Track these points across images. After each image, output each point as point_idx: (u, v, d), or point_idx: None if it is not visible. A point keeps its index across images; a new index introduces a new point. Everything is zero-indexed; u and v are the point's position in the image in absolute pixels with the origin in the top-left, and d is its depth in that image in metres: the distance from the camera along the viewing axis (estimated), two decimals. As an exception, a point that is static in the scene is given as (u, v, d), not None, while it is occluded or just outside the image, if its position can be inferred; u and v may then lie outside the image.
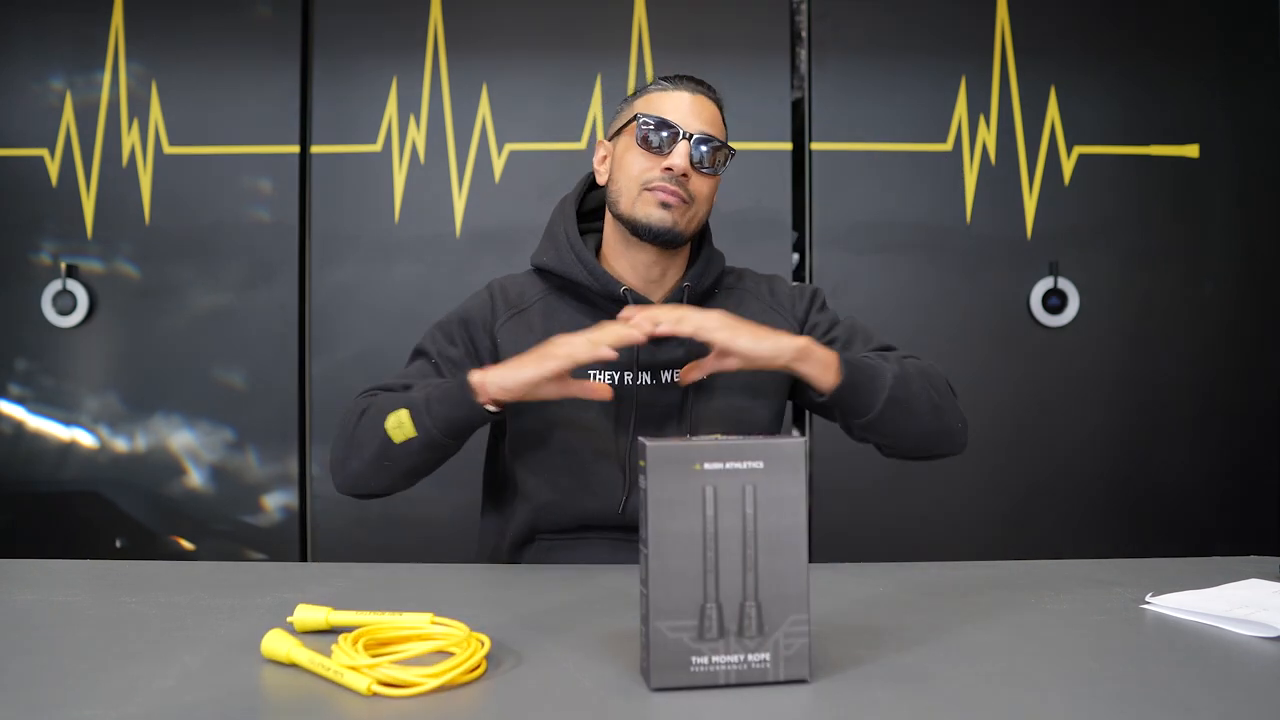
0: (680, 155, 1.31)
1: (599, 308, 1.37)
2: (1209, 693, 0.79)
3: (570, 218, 1.41)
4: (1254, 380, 2.50)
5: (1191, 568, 1.18)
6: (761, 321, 1.35)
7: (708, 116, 1.36)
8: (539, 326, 1.36)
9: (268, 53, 2.45)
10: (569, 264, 1.37)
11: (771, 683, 0.80)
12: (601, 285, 1.35)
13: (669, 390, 1.34)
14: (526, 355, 1.21)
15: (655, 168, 1.32)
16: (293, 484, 2.44)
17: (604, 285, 1.35)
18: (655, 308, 1.22)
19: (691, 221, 1.35)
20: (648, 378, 1.34)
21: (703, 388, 1.35)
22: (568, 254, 1.38)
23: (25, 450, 2.44)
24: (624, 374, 1.34)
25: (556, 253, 1.39)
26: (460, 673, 0.80)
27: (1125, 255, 2.49)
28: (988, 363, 2.48)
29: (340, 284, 2.46)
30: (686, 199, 1.33)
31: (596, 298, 1.37)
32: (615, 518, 1.33)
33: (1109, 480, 2.49)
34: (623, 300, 1.34)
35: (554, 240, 1.41)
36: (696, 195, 1.34)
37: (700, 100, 1.36)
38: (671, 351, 1.34)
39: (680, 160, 1.31)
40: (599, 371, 1.33)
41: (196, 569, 1.21)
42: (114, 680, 0.81)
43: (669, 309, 1.22)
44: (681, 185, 1.32)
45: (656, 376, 1.34)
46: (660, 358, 1.34)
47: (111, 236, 2.44)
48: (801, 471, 0.81)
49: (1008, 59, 2.48)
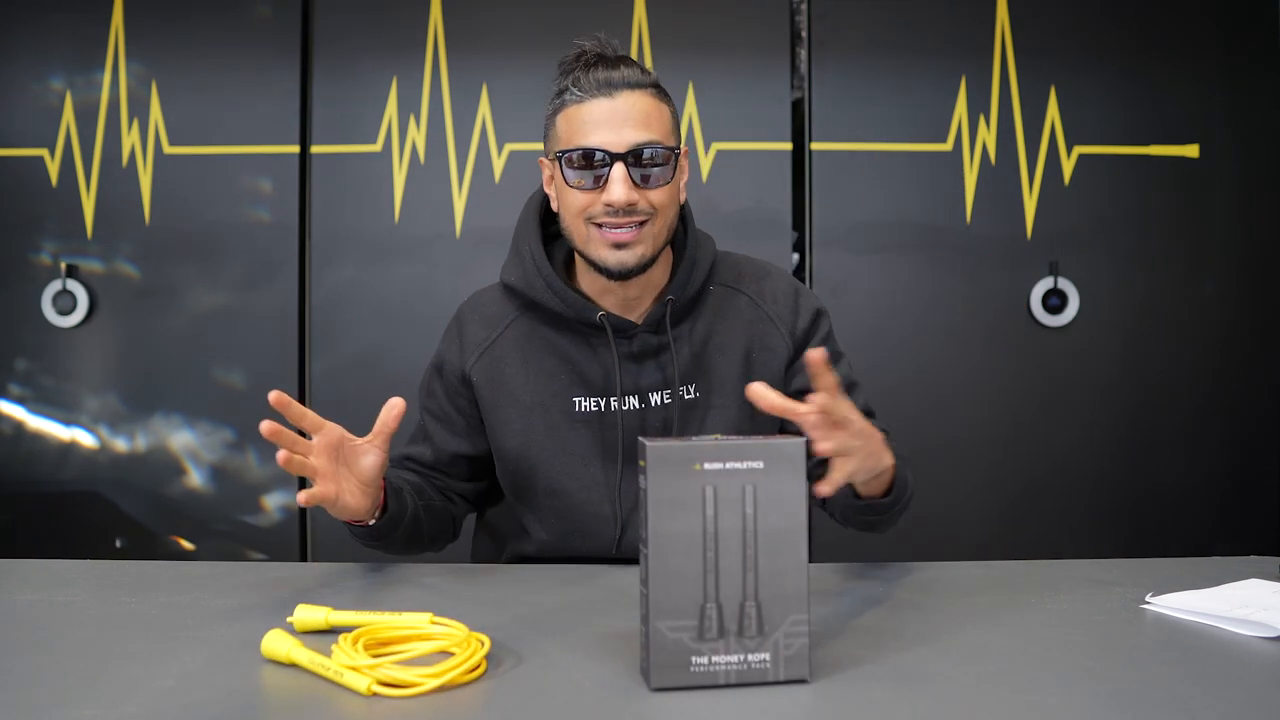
0: (617, 185, 1.16)
1: (575, 331, 1.28)
2: (1209, 693, 0.79)
3: (534, 234, 1.29)
4: (1254, 380, 2.50)
5: (1191, 568, 1.18)
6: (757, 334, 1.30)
7: (637, 117, 1.18)
8: (513, 358, 1.29)
9: (268, 53, 2.45)
10: (537, 289, 1.27)
11: (771, 683, 0.80)
12: (575, 312, 1.25)
13: (655, 412, 1.27)
14: None
15: (595, 201, 1.18)
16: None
17: (578, 312, 1.25)
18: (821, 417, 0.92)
19: (656, 241, 1.22)
20: (635, 402, 1.27)
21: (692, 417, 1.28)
22: (535, 278, 1.27)
23: (25, 450, 2.44)
24: (609, 399, 1.27)
25: (523, 274, 1.28)
26: (460, 673, 0.80)
27: (1125, 255, 2.49)
28: (987, 362, 2.48)
29: (340, 284, 2.46)
30: (643, 221, 1.19)
31: (571, 322, 1.27)
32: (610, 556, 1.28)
33: (1109, 480, 2.49)
34: (600, 326, 1.25)
35: (519, 257, 1.30)
36: (655, 208, 1.20)
37: (623, 99, 1.18)
38: (652, 375, 1.27)
39: (619, 192, 1.16)
40: (584, 399, 1.27)
41: (196, 569, 1.21)
42: (114, 680, 0.81)
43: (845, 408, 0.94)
44: (631, 212, 1.18)
45: (645, 399, 1.27)
46: (643, 382, 1.27)
47: (111, 236, 2.44)
48: (801, 471, 0.81)
49: (1008, 59, 2.48)
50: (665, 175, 1.20)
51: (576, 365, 1.28)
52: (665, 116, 1.22)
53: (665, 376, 1.27)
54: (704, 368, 1.29)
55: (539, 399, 1.28)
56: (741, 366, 1.29)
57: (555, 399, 1.28)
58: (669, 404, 1.27)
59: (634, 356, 1.27)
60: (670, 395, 1.27)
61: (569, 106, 1.20)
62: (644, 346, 1.27)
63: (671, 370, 1.26)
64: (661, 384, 1.27)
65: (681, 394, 1.27)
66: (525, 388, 1.28)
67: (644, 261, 1.21)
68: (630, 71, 1.20)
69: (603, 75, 1.19)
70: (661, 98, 1.22)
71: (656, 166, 1.19)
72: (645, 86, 1.20)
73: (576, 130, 1.19)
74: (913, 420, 2.45)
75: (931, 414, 2.47)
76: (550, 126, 1.25)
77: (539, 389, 1.28)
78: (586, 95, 1.19)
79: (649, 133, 1.18)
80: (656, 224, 1.21)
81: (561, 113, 1.22)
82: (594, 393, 1.27)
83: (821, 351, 0.89)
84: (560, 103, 1.22)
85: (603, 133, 1.17)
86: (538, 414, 1.28)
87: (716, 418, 1.28)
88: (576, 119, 1.19)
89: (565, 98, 1.21)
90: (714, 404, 1.28)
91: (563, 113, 1.21)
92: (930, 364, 2.47)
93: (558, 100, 1.23)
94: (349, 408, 2.45)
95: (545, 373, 1.28)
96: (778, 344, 1.31)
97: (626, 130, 1.17)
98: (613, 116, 1.17)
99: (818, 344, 1.31)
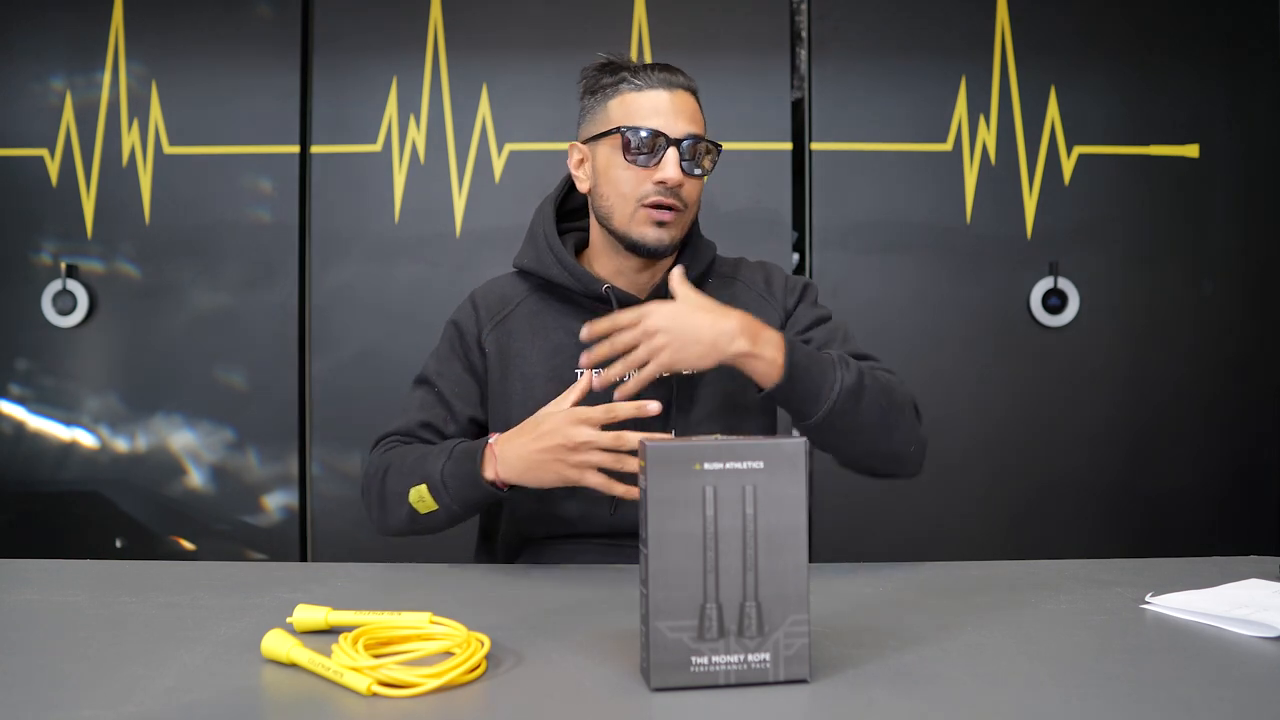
0: (672, 165, 1.27)
1: (583, 306, 1.35)
2: (1209, 693, 0.79)
3: (549, 219, 1.39)
4: (1254, 380, 2.50)
5: (1191, 568, 1.18)
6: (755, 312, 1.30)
7: (689, 113, 1.31)
8: (524, 330, 1.36)
9: (268, 53, 2.45)
10: (548, 265, 1.36)
11: (771, 683, 0.80)
12: (583, 285, 1.34)
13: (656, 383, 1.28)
14: (544, 450, 1.17)
15: (647, 181, 1.28)
16: (293, 484, 2.44)
17: (585, 285, 1.34)
18: (606, 320, 1.18)
19: (684, 229, 1.33)
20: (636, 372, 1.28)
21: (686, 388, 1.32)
22: (547, 255, 1.36)
23: (25, 450, 2.44)
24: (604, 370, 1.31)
25: (536, 254, 1.38)
26: (460, 673, 0.80)
27: (1125, 255, 2.49)
28: (987, 362, 2.48)
29: (340, 284, 2.46)
30: (682, 208, 1.30)
31: (579, 297, 1.35)
32: (605, 523, 1.30)
33: (1108, 479, 2.49)
34: (606, 299, 1.32)
35: (534, 242, 1.39)
36: (688, 200, 1.31)
37: (679, 96, 1.31)
38: None
39: (673, 171, 1.27)
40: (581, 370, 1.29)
41: (196, 569, 1.21)
42: (114, 680, 0.81)
43: (625, 317, 1.18)
44: (676, 195, 1.29)
45: None
46: None
47: (111, 236, 2.44)
48: (801, 471, 0.81)
49: (1008, 59, 2.48)
50: (705, 169, 1.32)
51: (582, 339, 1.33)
52: (703, 122, 1.35)
53: None
54: None
55: (545, 370, 1.34)
56: None
57: (560, 370, 1.33)
58: (667, 377, 1.30)
59: None
60: None
61: (626, 93, 1.31)
62: None
63: None
64: None
65: None
66: (533, 360, 1.35)
67: (675, 244, 1.32)
68: (681, 76, 1.33)
69: (661, 74, 1.31)
70: (700, 103, 1.35)
71: (704, 157, 1.31)
72: (693, 91, 1.34)
73: (635, 113, 1.30)
74: (913, 420, 2.46)
75: (931, 414, 2.45)
76: (597, 110, 1.34)
77: (546, 361, 1.34)
78: (645, 85, 1.30)
79: (698, 129, 1.31)
80: (686, 215, 1.33)
81: (617, 97, 1.31)
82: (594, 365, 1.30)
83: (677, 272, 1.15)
84: (614, 90, 1.32)
85: (663, 118, 1.29)
86: (543, 384, 1.33)
87: (711, 392, 1.34)
88: (635, 104, 1.30)
89: (621, 85, 1.31)
90: (709, 379, 1.33)
91: (618, 97, 1.31)
92: (930, 364, 2.47)
93: (611, 89, 1.32)
94: (349, 408, 2.47)
95: (553, 346, 1.35)
96: (771, 318, 1.35)
97: (681, 122, 1.29)
98: (672, 106, 1.29)
99: (804, 307, 1.39)
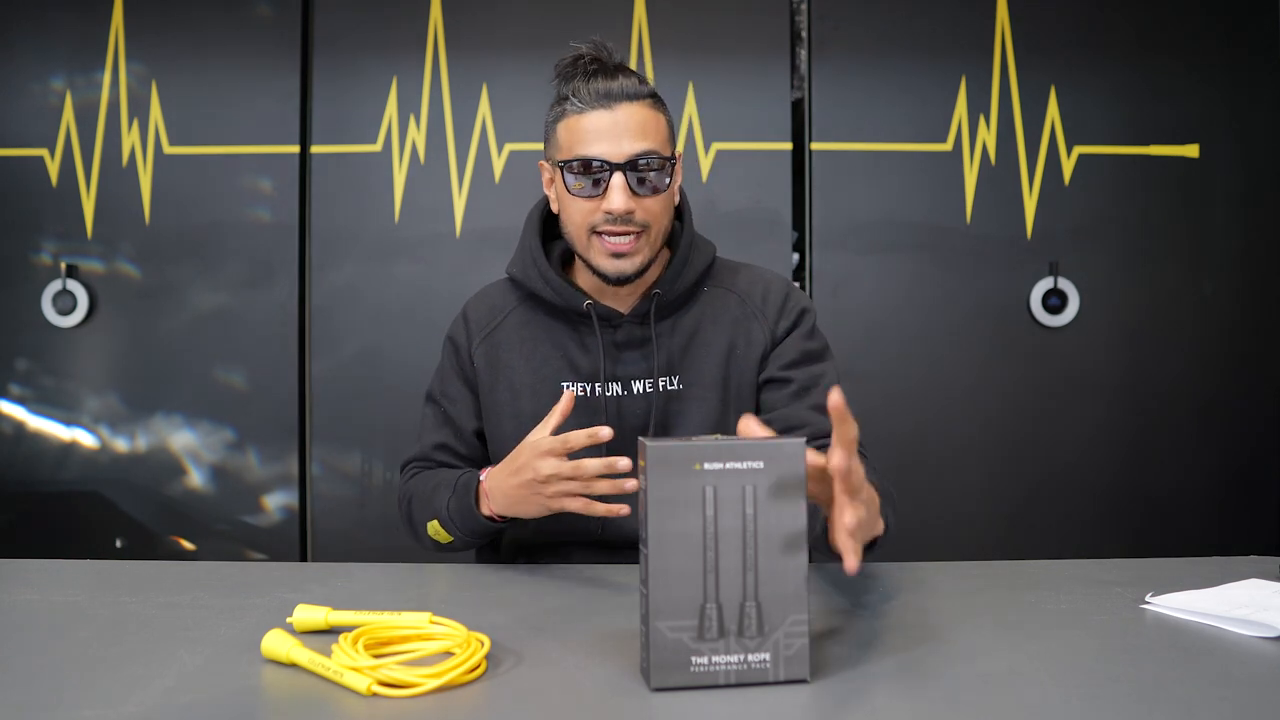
0: (617, 193, 1.22)
1: (567, 320, 1.34)
2: (1209, 693, 0.79)
3: (534, 230, 1.37)
4: (1254, 380, 2.50)
5: (1191, 568, 1.18)
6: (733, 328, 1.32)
7: (634, 127, 1.23)
8: (512, 341, 1.36)
9: (268, 53, 2.45)
10: (533, 278, 1.34)
11: (771, 683, 0.80)
12: (564, 301, 1.32)
13: (638, 400, 1.31)
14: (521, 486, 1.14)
15: (596, 210, 1.24)
16: (293, 484, 2.44)
17: (567, 301, 1.31)
18: None
19: (653, 248, 1.28)
20: (619, 388, 1.31)
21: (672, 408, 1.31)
22: (531, 269, 1.34)
23: (26, 450, 2.44)
24: (593, 385, 1.32)
25: (523, 266, 1.36)
26: (460, 673, 0.80)
27: (1125, 255, 2.49)
28: (987, 363, 2.48)
29: (340, 284, 2.46)
30: (639, 231, 1.25)
31: (564, 311, 1.34)
32: (595, 538, 1.30)
33: (1108, 480, 2.49)
34: (587, 315, 1.31)
35: (521, 251, 1.38)
36: (649, 217, 1.25)
37: (622, 111, 1.23)
38: (636, 364, 1.31)
39: (618, 201, 1.22)
40: (572, 383, 1.32)
41: (196, 569, 1.21)
42: (114, 680, 0.81)
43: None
44: (628, 221, 1.23)
45: (627, 388, 1.31)
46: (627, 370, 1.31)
47: (111, 236, 2.44)
48: (802, 471, 0.81)
49: (1008, 59, 2.48)
50: (661, 182, 1.25)
51: (567, 352, 1.34)
52: (662, 125, 1.27)
53: (648, 366, 1.32)
54: (687, 361, 1.33)
55: (533, 382, 1.34)
56: (723, 362, 1.33)
57: (546, 383, 1.33)
58: (650, 393, 1.31)
59: (619, 345, 1.33)
60: (651, 385, 1.32)
61: (569, 116, 1.25)
62: (629, 337, 1.32)
63: (654, 361, 1.31)
64: (644, 373, 1.32)
65: (663, 384, 1.32)
66: (521, 371, 1.35)
67: (641, 269, 1.28)
68: (628, 82, 1.25)
69: (602, 86, 1.24)
70: (658, 107, 1.27)
71: (653, 172, 1.24)
72: (643, 97, 1.25)
73: (577, 140, 1.24)
74: (912, 420, 2.46)
75: (931, 414, 2.47)
76: (551, 133, 1.30)
77: (533, 373, 1.34)
78: (586, 106, 1.24)
79: (646, 142, 1.23)
80: (652, 233, 1.27)
81: (562, 122, 1.26)
82: (582, 378, 1.33)
83: (839, 394, 0.78)
84: (560, 112, 1.27)
85: (603, 143, 1.22)
86: (530, 397, 1.33)
87: (696, 409, 1.32)
88: (578, 129, 1.24)
89: (566, 107, 1.26)
90: (694, 396, 1.32)
91: (563, 122, 1.26)
92: (930, 364, 2.47)
93: (558, 109, 1.28)
94: (349, 408, 2.47)
95: (540, 358, 1.35)
96: (758, 336, 1.34)
97: (625, 141, 1.23)
98: (612, 128, 1.23)
99: (797, 337, 1.34)
